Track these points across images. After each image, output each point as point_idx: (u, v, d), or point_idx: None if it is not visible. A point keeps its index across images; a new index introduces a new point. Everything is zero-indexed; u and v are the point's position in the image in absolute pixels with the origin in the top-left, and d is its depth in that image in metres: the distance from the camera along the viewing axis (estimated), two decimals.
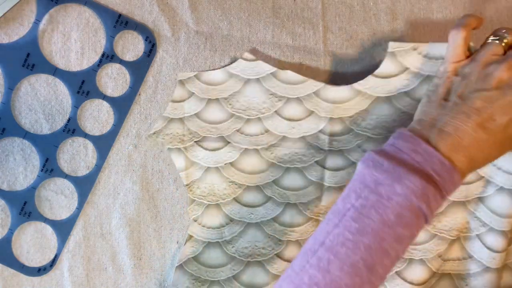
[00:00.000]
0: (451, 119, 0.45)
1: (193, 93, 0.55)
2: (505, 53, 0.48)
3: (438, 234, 0.55)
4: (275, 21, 0.56)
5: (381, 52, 0.56)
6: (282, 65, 0.56)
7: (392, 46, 0.52)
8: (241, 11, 0.56)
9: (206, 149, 0.55)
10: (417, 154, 0.43)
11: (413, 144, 0.44)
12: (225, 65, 0.55)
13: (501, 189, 0.53)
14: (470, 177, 0.53)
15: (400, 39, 0.56)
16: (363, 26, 0.57)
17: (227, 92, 0.55)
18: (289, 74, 0.54)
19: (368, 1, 0.57)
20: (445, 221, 0.54)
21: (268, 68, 0.54)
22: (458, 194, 0.54)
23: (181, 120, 0.55)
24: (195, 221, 0.56)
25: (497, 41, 0.48)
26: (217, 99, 0.55)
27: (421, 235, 0.54)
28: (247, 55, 0.55)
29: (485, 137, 0.44)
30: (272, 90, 0.54)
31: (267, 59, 0.56)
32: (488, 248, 0.54)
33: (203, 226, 0.56)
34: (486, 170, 0.53)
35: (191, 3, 0.56)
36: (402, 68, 0.52)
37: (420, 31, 0.57)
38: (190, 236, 0.56)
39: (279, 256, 0.56)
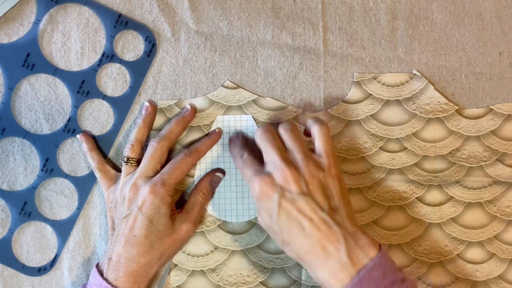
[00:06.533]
0: (114, 248, 0.50)
1: None
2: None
3: (419, 258, 0.57)
4: (275, 21, 0.56)
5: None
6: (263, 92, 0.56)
7: (356, 76, 0.56)
8: (241, 11, 0.56)
9: (191, 176, 0.56)
10: None
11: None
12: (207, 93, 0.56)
13: (469, 204, 0.57)
14: (441, 198, 0.56)
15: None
16: (363, 26, 0.57)
17: (209, 119, 0.56)
18: (269, 101, 0.56)
19: (368, 1, 0.57)
20: (425, 245, 0.57)
21: (248, 95, 0.56)
22: (433, 215, 0.56)
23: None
24: (180, 249, 0.56)
25: (124, 163, 0.53)
26: (198, 126, 0.56)
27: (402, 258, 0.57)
28: (228, 83, 0.56)
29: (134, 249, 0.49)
30: (254, 116, 0.56)
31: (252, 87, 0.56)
32: (470, 262, 0.57)
33: (188, 255, 0.56)
34: (454, 190, 0.56)
35: (191, 3, 0.56)
36: (366, 94, 0.56)
37: (420, 31, 0.57)
38: (175, 265, 0.56)
39: (264, 284, 0.56)
